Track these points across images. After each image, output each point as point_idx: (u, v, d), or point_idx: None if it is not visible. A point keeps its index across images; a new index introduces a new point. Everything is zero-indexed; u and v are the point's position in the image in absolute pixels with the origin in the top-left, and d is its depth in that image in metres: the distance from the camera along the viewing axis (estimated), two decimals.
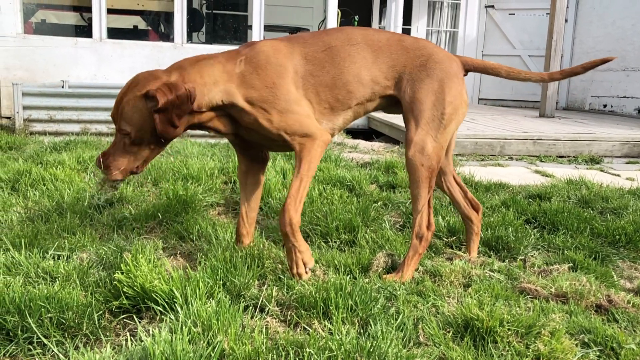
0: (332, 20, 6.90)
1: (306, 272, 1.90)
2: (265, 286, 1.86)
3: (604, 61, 2.10)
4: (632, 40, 8.75)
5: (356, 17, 8.58)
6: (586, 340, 1.59)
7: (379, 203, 2.95)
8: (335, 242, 2.35)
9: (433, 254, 2.28)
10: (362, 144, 5.43)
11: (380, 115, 6.01)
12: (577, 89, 10.14)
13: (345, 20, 8.69)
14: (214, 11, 9.58)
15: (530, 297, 1.88)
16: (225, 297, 1.70)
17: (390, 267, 2.08)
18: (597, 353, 1.54)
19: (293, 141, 1.89)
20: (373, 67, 2.03)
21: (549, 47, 7.42)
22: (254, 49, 1.93)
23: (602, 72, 9.28)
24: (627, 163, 4.92)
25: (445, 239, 2.45)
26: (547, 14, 8.87)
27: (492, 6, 10.21)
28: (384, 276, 2.00)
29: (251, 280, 1.83)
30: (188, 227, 2.38)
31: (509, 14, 10.25)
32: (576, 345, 1.56)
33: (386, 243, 2.33)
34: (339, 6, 7.10)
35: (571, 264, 2.19)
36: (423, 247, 2.05)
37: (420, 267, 2.10)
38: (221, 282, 1.79)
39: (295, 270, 1.89)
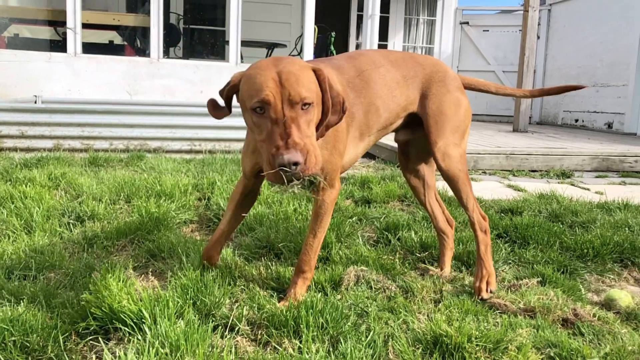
0: (309, 37, 6.96)
1: None
2: (236, 305, 1.84)
3: (576, 87, 2.34)
4: (601, 57, 9.01)
5: (333, 34, 8.66)
6: (552, 354, 1.61)
7: (353, 218, 2.96)
8: None
9: (405, 269, 2.29)
10: None
11: None
12: (550, 103, 10.37)
13: (322, 36, 8.77)
14: (191, 26, 9.58)
15: (499, 312, 1.90)
16: (195, 316, 1.69)
17: (362, 282, 2.09)
18: None
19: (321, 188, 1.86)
20: (398, 88, 2.07)
21: (521, 63, 7.60)
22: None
23: None
24: (597, 177, 5.03)
25: (417, 254, 2.47)
26: (519, 30, 9.08)
27: (467, 23, 10.43)
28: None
29: (222, 299, 1.82)
30: (160, 245, 2.35)
31: (484, 31, 10.48)
32: (542, 359, 1.58)
33: (360, 259, 2.33)
34: (316, 22, 7.17)
35: (540, 278, 2.22)
36: (488, 236, 2.16)
37: (392, 283, 2.11)
38: (191, 301, 1.77)
39: None
